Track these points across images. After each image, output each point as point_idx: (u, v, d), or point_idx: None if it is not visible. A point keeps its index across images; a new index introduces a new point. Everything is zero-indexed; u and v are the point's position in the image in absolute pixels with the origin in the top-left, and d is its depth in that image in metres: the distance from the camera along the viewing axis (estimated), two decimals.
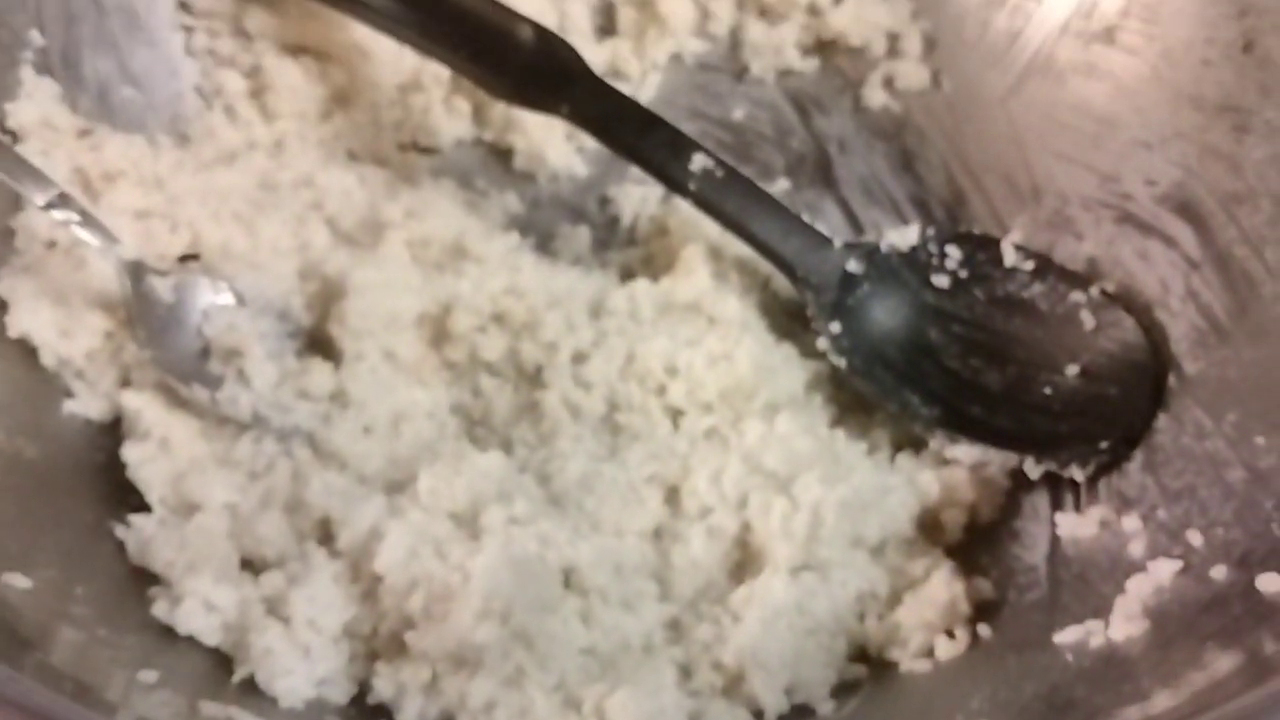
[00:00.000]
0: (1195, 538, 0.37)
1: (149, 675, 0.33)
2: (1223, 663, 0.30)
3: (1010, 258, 0.49)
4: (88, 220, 0.42)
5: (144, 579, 0.39)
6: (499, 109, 0.57)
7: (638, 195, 0.55)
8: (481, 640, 0.36)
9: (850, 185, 0.56)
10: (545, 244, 0.53)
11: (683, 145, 0.49)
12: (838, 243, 0.49)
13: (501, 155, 0.57)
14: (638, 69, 0.58)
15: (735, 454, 0.42)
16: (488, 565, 0.37)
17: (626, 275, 0.51)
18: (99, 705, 0.30)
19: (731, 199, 0.48)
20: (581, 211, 0.56)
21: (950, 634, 0.39)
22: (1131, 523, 0.40)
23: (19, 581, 0.34)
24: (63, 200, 0.42)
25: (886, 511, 0.42)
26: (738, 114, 0.58)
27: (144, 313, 0.42)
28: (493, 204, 0.55)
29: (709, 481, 0.42)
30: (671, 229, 0.53)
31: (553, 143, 0.56)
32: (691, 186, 0.48)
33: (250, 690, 0.36)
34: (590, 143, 0.57)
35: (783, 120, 0.58)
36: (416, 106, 0.56)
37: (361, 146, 0.55)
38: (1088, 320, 0.47)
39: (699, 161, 0.48)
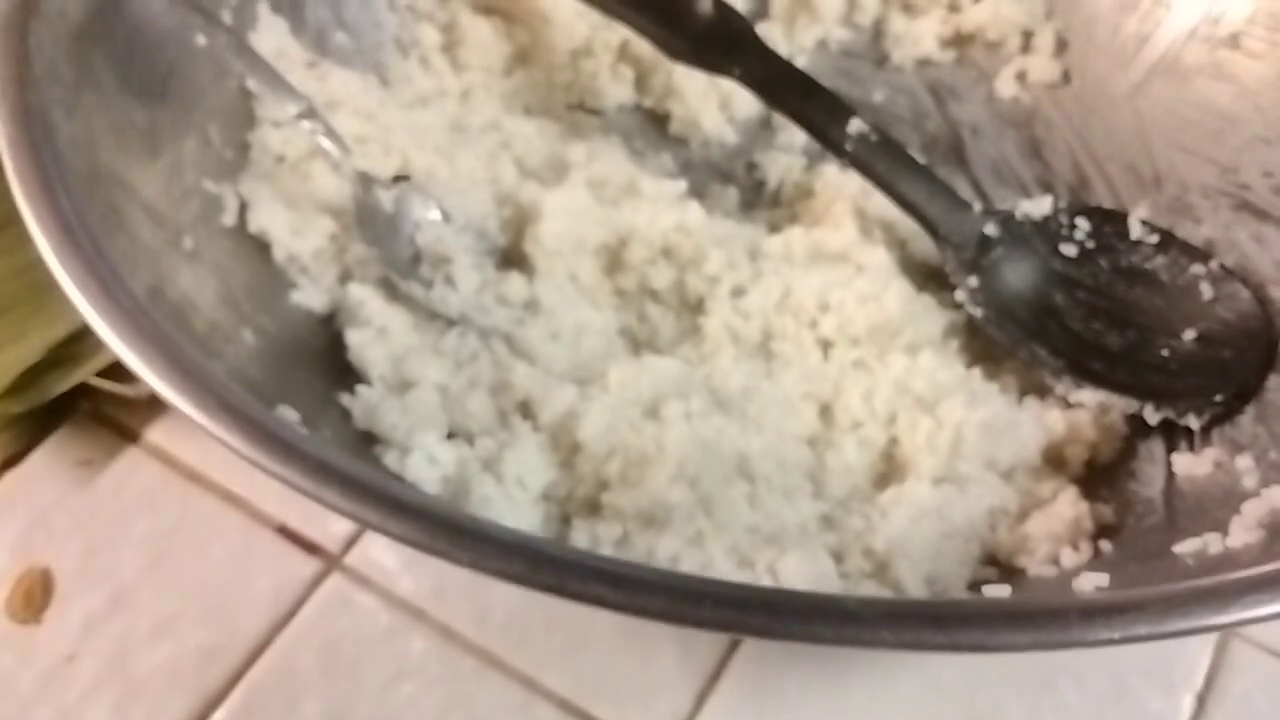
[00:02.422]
0: None
1: None
2: None
3: (1136, 231, 0.53)
4: (329, 132, 0.48)
5: (370, 440, 0.44)
6: (660, 78, 0.62)
7: (783, 162, 0.60)
8: (673, 501, 0.41)
9: (981, 166, 0.61)
10: (697, 201, 0.58)
11: (841, 110, 0.54)
12: (977, 208, 0.54)
13: (658, 120, 0.63)
14: (786, 51, 0.63)
15: (883, 380, 0.47)
16: (679, 439, 0.42)
17: (774, 230, 0.55)
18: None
19: (884, 161, 0.53)
20: (730, 174, 0.61)
21: (1075, 546, 0.43)
22: (1244, 462, 0.44)
23: (289, 414, 0.39)
24: (310, 113, 0.48)
25: (1017, 440, 0.46)
26: (877, 97, 0.63)
27: (368, 219, 0.48)
28: (649, 163, 0.60)
29: (861, 399, 0.46)
30: (816, 192, 0.57)
31: (707, 111, 0.61)
32: (848, 147, 0.53)
33: None
34: (740, 113, 0.62)
35: (919, 105, 0.63)
36: (586, 70, 0.62)
37: (536, 103, 0.61)
38: (1206, 291, 0.51)
39: (855, 125, 0.53)
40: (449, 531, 0.29)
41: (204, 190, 0.47)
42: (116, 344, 0.33)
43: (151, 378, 0.32)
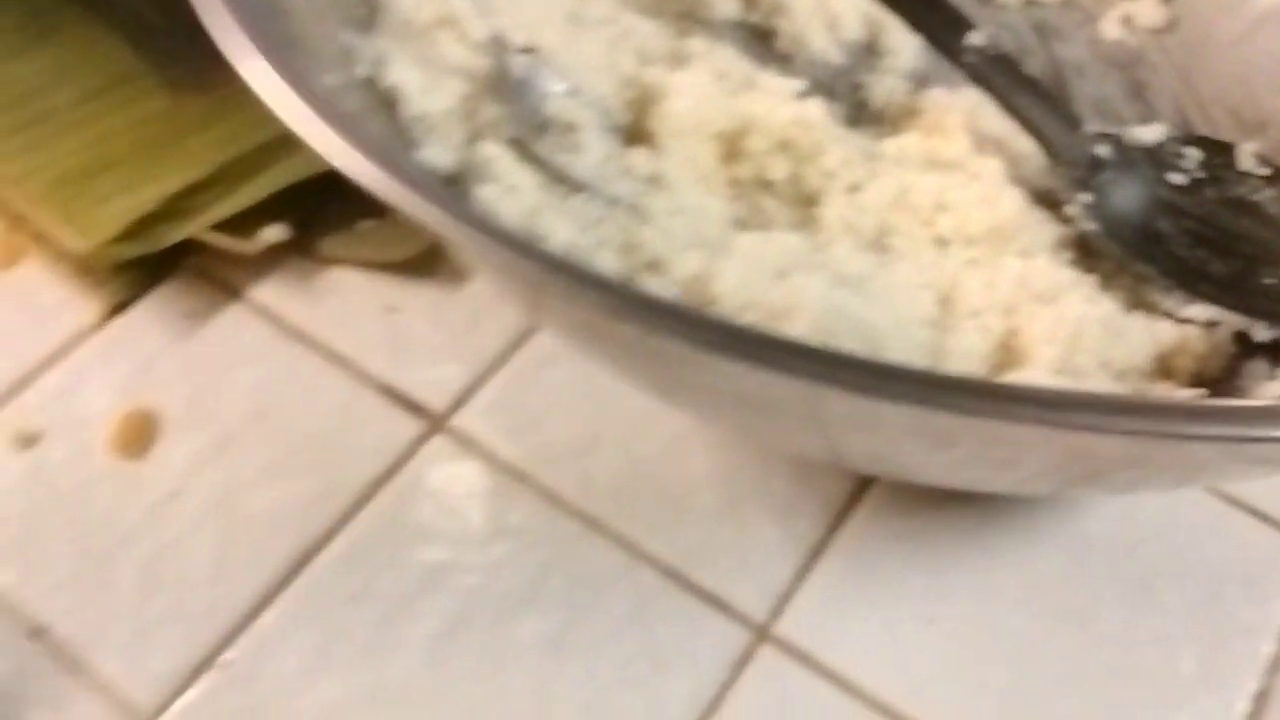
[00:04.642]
0: None
1: None
2: None
3: (1246, 163, 0.54)
4: None
5: None
6: None
7: (889, 84, 0.60)
8: None
9: (1083, 104, 0.61)
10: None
11: (961, 22, 0.55)
12: (1090, 129, 0.54)
13: (764, 36, 0.63)
14: None
15: (1002, 275, 0.48)
16: (817, 296, 0.42)
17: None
18: None
19: (1000, 75, 0.54)
20: (834, 92, 0.61)
21: None
22: None
23: None
24: None
25: (1130, 345, 0.47)
26: (983, 32, 0.63)
27: (500, 82, 0.49)
28: None
29: (981, 290, 0.47)
30: (924, 110, 0.58)
31: (814, 30, 0.62)
32: (966, 58, 0.54)
33: None
34: (848, 35, 0.63)
35: (1024, 43, 0.63)
36: None
37: (649, 6, 0.62)
38: None
39: (974, 38, 0.54)
40: (620, 294, 0.30)
41: (341, 39, 0.48)
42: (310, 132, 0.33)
43: (349, 164, 0.33)
